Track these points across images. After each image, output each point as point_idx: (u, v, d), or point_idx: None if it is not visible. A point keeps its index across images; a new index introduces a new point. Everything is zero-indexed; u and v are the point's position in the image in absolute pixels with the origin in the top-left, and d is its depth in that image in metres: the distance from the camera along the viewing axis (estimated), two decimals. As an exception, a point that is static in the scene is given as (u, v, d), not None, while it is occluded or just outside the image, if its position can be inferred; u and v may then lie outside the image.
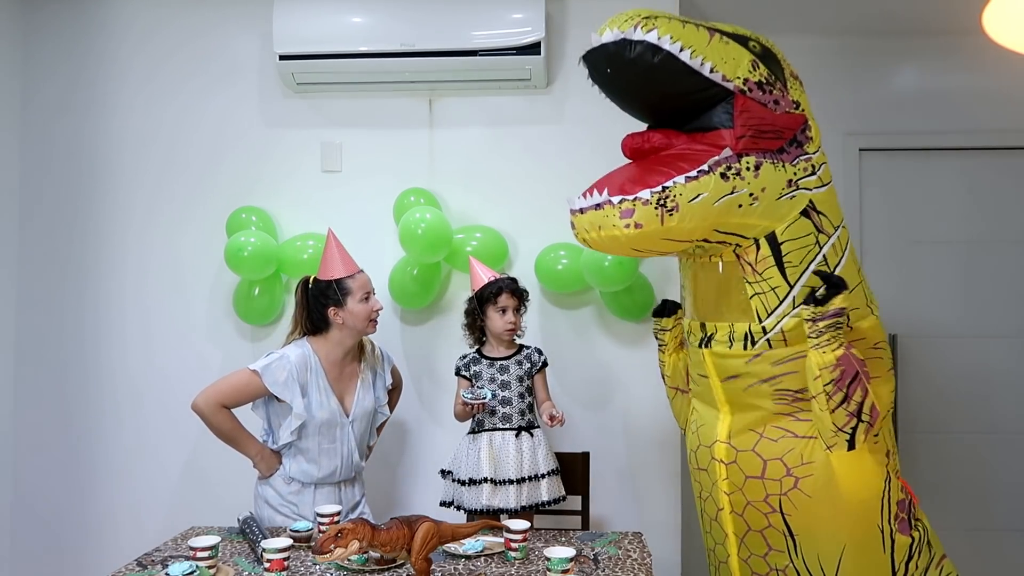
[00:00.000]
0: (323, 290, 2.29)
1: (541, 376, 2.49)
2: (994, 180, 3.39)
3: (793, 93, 1.89)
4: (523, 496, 2.31)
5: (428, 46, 2.70)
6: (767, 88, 1.82)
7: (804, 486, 1.85)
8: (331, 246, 2.34)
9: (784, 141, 1.85)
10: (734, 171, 1.77)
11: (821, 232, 1.86)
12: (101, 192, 3.00)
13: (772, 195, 1.81)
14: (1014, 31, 1.54)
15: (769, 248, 1.84)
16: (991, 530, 3.33)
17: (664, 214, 1.72)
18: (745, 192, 1.78)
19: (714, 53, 1.76)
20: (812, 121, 1.93)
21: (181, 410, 2.93)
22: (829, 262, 1.87)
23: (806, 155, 1.88)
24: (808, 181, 1.86)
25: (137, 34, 3.01)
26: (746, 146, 1.79)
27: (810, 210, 1.85)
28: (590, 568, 1.88)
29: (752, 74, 1.81)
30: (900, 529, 1.87)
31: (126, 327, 2.98)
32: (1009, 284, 3.38)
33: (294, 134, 2.97)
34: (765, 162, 1.81)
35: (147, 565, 1.91)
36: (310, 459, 2.27)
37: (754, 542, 1.95)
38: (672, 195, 1.73)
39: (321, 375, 2.28)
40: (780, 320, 1.85)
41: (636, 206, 1.72)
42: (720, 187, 1.76)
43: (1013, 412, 3.37)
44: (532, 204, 2.88)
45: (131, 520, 2.94)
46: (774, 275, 1.84)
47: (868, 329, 1.92)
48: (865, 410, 1.79)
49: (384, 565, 1.88)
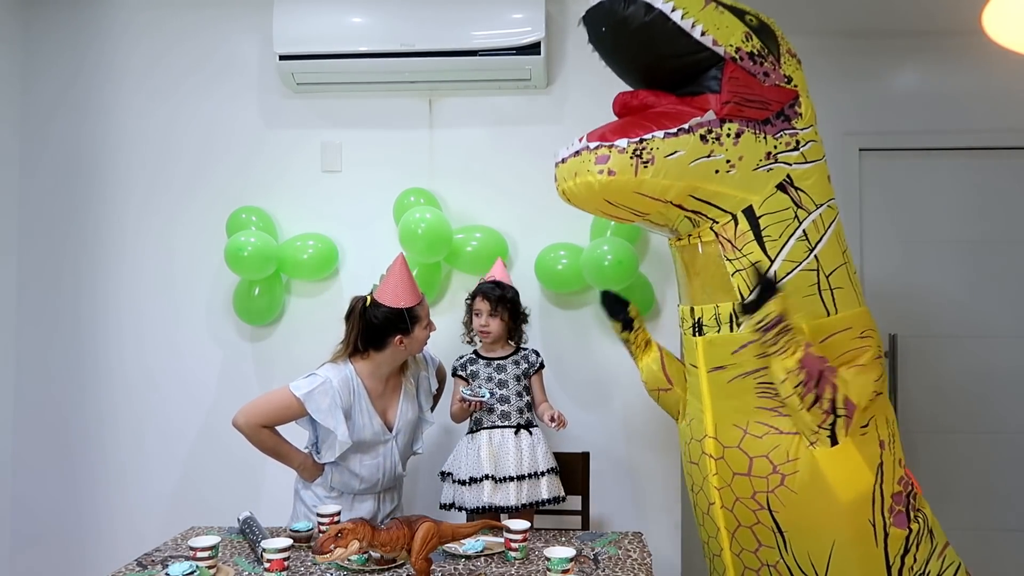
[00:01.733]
0: (392, 317, 2.21)
1: (538, 378, 2.49)
2: (994, 180, 3.40)
3: (786, 68, 1.90)
4: (523, 494, 2.31)
5: (428, 46, 2.70)
6: (758, 60, 1.85)
7: (790, 483, 1.85)
8: (401, 271, 2.26)
9: (770, 113, 1.86)
10: (714, 135, 1.79)
11: (800, 207, 1.86)
12: (100, 192, 3.00)
13: (749, 164, 1.83)
14: (1014, 31, 1.54)
15: (748, 222, 1.84)
16: (992, 530, 3.33)
17: (639, 164, 1.75)
18: (722, 158, 1.80)
19: (707, 18, 1.80)
20: (805, 98, 1.94)
21: (181, 410, 2.96)
22: (810, 237, 1.87)
23: (791, 130, 1.88)
24: (788, 156, 1.87)
25: (137, 34, 3.01)
26: (730, 112, 1.82)
27: (787, 184, 1.86)
28: (590, 568, 1.88)
29: (745, 44, 1.84)
30: (896, 522, 1.86)
31: (126, 327, 2.98)
32: (1010, 284, 3.38)
33: (294, 134, 2.97)
34: (747, 131, 1.82)
35: (147, 565, 1.91)
36: (352, 473, 2.26)
37: (745, 537, 1.96)
38: (649, 147, 1.76)
39: (364, 397, 2.24)
40: None
41: (612, 153, 1.76)
42: (698, 148, 1.78)
43: (1014, 411, 3.37)
44: (532, 204, 2.88)
45: (131, 520, 2.94)
46: (754, 250, 1.85)
47: (853, 317, 1.91)
48: (839, 405, 1.79)
49: (384, 565, 1.88)
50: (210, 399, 2.95)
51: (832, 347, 1.87)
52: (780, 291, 1.77)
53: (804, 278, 1.86)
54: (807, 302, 1.86)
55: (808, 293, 1.86)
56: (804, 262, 1.85)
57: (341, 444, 2.19)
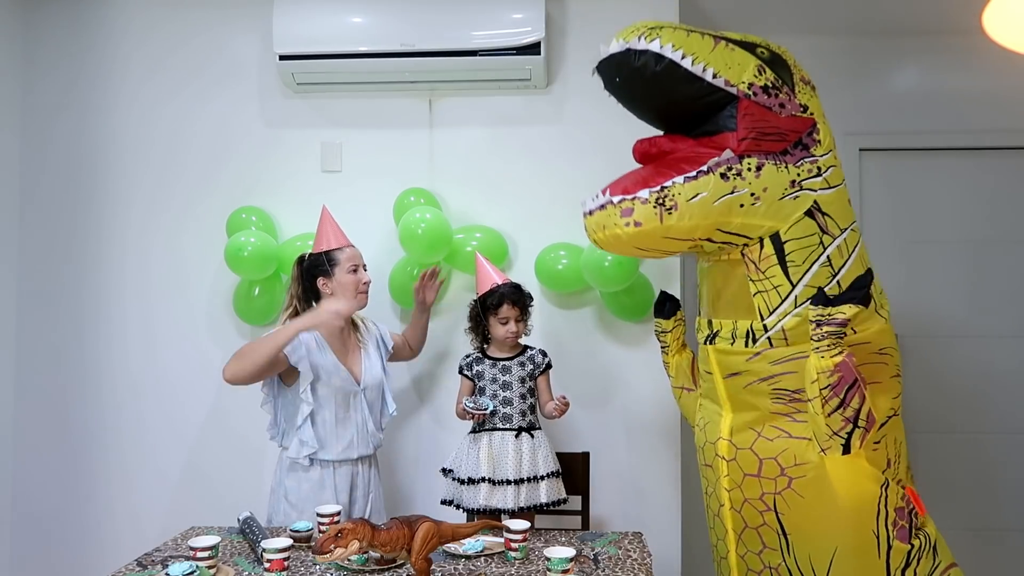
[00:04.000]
0: (314, 262, 2.39)
1: (545, 378, 2.49)
2: (994, 180, 3.39)
3: (801, 97, 1.91)
4: (521, 497, 2.31)
5: (428, 46, 2.70)
6: (772, 92, 1.85)
7: (797, 486, 1.86)
8: (323, 221, 2.44)
9: (788, 143, 1.87)
10: (735, 171, 1.80)
11: (825, 233, 1.88)
12: (101, 192, 3.00)
13: (775, 195, 1.84)
14: (1014, 31, 1.54)
15: (772, 247, 1.86)
16: (994, 530, 3.33)
17: (663, 212, 1.78)
18: (746, 192, 1.81)
19: (717, 59, 1.81)
20: (823, 124, 1.95)
21: (181, 410, 2.96)
22: (833, 263, 1.88)
23: (811, 157, 1.89)
24: (813, 182, 1.88)
25: (137, 34, 3.01)
26: (748, 148, 1.82)
27: (814, 211, 1.87)
28: (590, 568, 1.88)
29: (758, 78, 1.84)
30: (899, 536, 1.87)
31: (126, 327, 2.98)
32: (1011, 284, 3.38)
33: (294, 134, 2.97)
34: (768, 163, 1.83)
35: (147, 565, 1.91)
36: (328, 430, 2.32)
37: (750, 539, 1.97)
38: (671, 194, 1.78)
39: (326, 347, 2.34)
40: (781, 319, 1.87)
41: (635, 205, 1.79)
42: (720, 187, 1.79)
43: (1015, 411, 3.37)
44: (532, 204, 2.88)
45: (131, 520, 2.94)
46: (776, 274, 1.86)
47: (875, 334, 1.91)
48: (862, 416, 1.80)
49: (384, 565, 1.88)
50: (210, 399, 2.95)
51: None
52: (864, 306, 1.81)
53: None
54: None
55: None
56: (826, 288, 1.86)
57: (304, 376, 2.28)
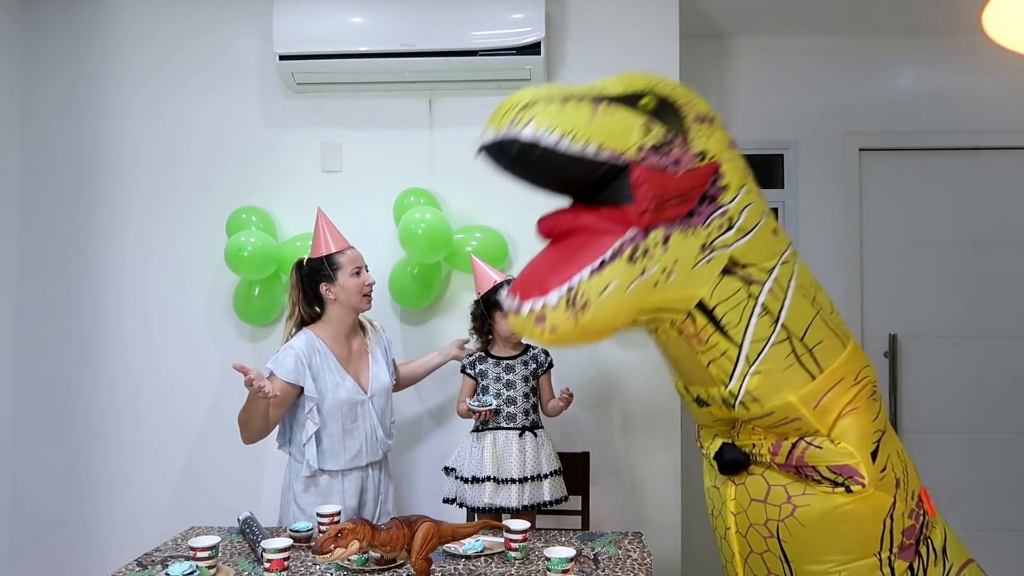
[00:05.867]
0: (315, 268, 2.34)
1: (547, 377, 2.50)
2: (994, 180, 3.40)
3: (697, 143, 1.75)
4: (525, 496, 2.32)
5: (428, 46, 2.70)
6: (664, 150, 1.70)
7: (800, 515, 1.81)
8: (320, 223, 2.39)
9: (692, 202, 1.74)
10: (641, 251, 1.68)
11: (752, 283, 1.78)
12: (101, 192, 3.00)
13: (687, 265, 1.72)
14: (1014, 31, 1.54)
15: (704, 316, 1.77)
16: (991, 530, 3.33)
17: (576, 313, 1.65)
18: (657, 269, 1.70)
19: (598, 131, 1.65)
20: (728, 162, 1.80)
21: (181, 410, 2.95)
22: (771, 309, 1.78)
23: (721, 208, 1.77)
24: (725, 239, 1.76)
25: (137, 34, 3.01)
26: (651, 220, 1.69)
27: (732, 267, 1.77)
28: (590, 568, 1.88)
29: (646, 138, 1.69)
30: (902, 555, 1.83)
31: (126, 327, 2.98)
32: (1009, 284, 3.38)
33: (294, 134, 2.97)
34: (674, 232, 1.71)
35: (147, 565, 1.91)
36: (335, 442, 2.29)
37: (756, 564, 1.94)
38: (580, 292, 1.65)
39: (330, 356, 2.31)
40: (742, 381, 1.79)
41: (547, 312, 1.66)
42: (628, 272, 1.67)
43: (1012, 412, 3.37)
44: (532, 204, 2.85)
45: (131, 520, 2.94)
46: (719, 340, 1.78)
47: (841, 367, 1.83)
48: (831, 476, 1.78)
49: (384, 565, 1.88)
50: (210, 399, 2.95)
51: (829, 408, 1.81)
52: (729, 471, 1.92)
53: (778, 351, 1.79)
54: (789, 374, 1.78)
55: (787, 365, 1.79)
56: (772, 336, 1.78)
57: (309, 399, 2.24)
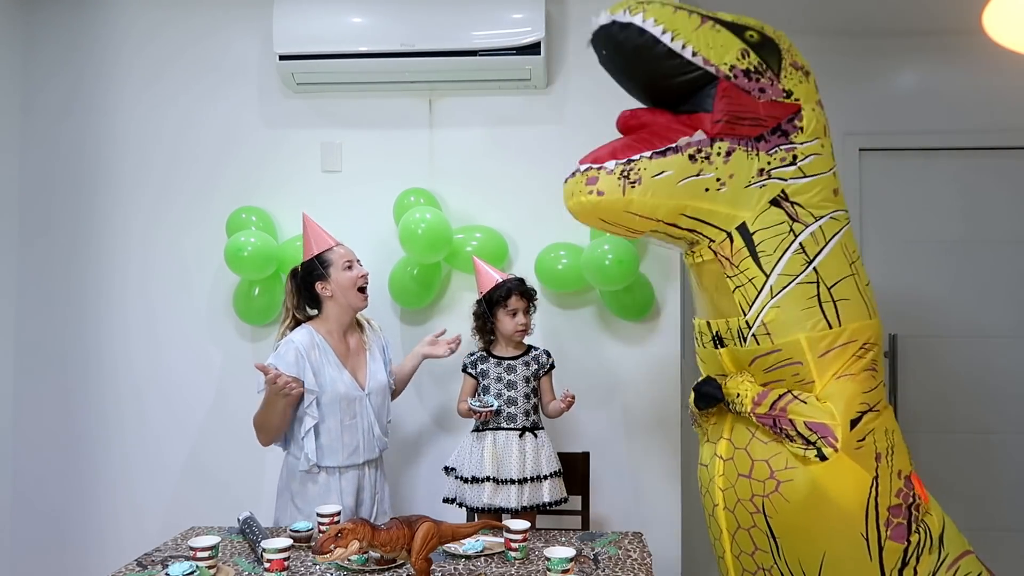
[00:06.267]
0: (308, 269, 2.38)
1: (548, 378, 2.50)
2: (994, 180, 3.39)
3: (787, 82, 1.90)
4: (525, 496, 2.32)
5: (428, 46, 2.70)
6: (754, 76, 1.86)
7: (784, 490, 1.84)
8: (307, 227, 2.43)
9: (765, 129, 1.87)
10: (703, 154, 1.82)
11: (796, 221, 1.87)
12: (102, 194, 3.00)
13: (740, 182, 1.84)
14: (1014, 31, 1.54)
15: (742, 239, 1.86)
16: (991, 530, 3.33)
17: (626, 185, 1.80)
18: (712, 176, 1.83)
19: (700, 38, 1.82)
20: (811, 111, 1.92)
21: (181, 410, 2.96)
22: (807, 250, 1.86)
23: (788, 144, 1.89)
24: (783, 171, 1.87)
25: (136, 34, 3.01)
26: (721, 131, 1.83)
27: (781, 199, 1.86)
28: (590, 568, 1.88)
29: (740, 62, 1.85)
30: (893, 536, 1.84)
31: (126, 327, 2.98)
32: (1009, 284, 3.38)
33: (294, 134, 2.97)
34: (738, 149, 1.84)
35: (147, 565, 1.91)
36: (333, 438, 2.30)
37: (743, 540, 1.96)
38: (636, 168, 1.80)
39: (329, 352, 2.34)
40: (760, 312, 1.86)
41: (600, 175, 1.81)
42: (686, 167, 1.81)
43: (1013, 412, 3.37)
44: (532, 204, 2.88)
45: (131, 520, 2.94)
46: (750, 266, 1.87)
47: (858, 330, 1.88)
48: (805, 433, 1.80)
49: (384, 565, 1.88)
50: (210, 399, 2.95)
51: (831, 362, 1.85)
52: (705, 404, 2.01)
53: (802, 291, 1.86)
54: (806, 314, 1.85)
55: (807, 306, 1.85)
56: (802, 275, 1.85)
57: (309, 392, 2.25)
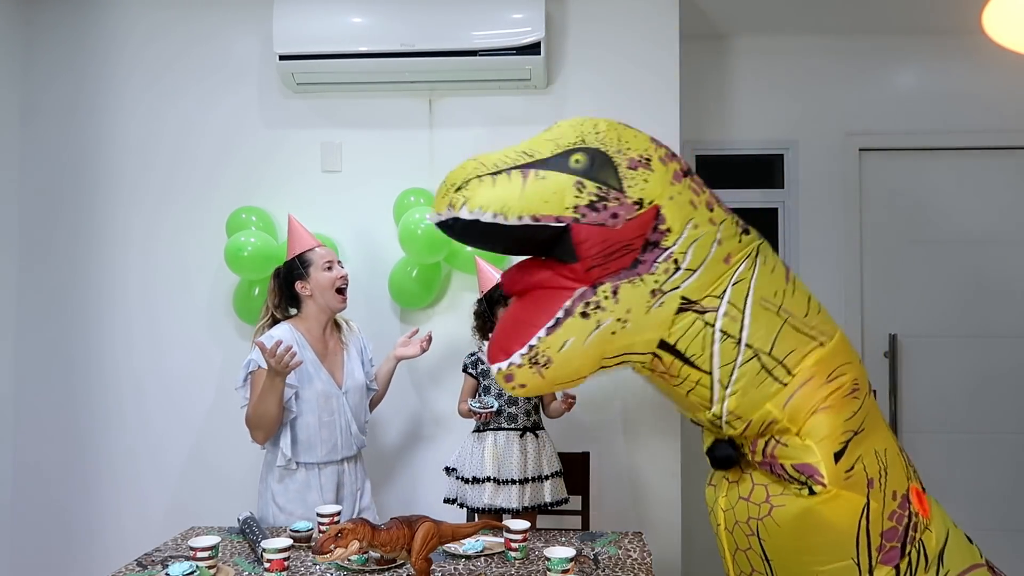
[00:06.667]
0: (289, 268, 2.42)
1: None
2: (994, 180, 3.40)
3: (632, 191, 1.73)
4: (526, 497, 2.32)
5: (428, 46, 2.70)
6: (599, 205, 1.71)
7: (776, 515, 1.81)
8: (291, 229, 2.47)
9: (637, 251, 1.75)
10: (592, 306, 1.71)
11: (706, 312, 1.78)
12: (102, 195, 3.00)
13: (640, 312, 1.74)
14: (1014, 31, 1.54)
15: (670, 354, 1.79)
16: (991, 530, 3.33)
17: (540, 370, 1.72)
18: (611, 320, 1.72)
19: (531, 201, 1.68)
20: (669, 201, 1.76)
21: (181, 410, 2.95)
22: (731, 333, 1.78)
23: (665, 252, 1.76)
24: (673, 281, 1.76)
25: (136, 35, 3.01)
26: (599, 275, 1.72)
27: (684, 306, 1.77)
28: (590, 568, 1.88)
29: (580, 197, 1.70)
30: (884, 560, 1.80)
31: (127, 326, 2.98)
32: (1009, 284, 3.38)
33: (294, 134, 2.97)
34: (622, 284, 1.73)
35: (147, 565, 1.91)
36: (311, 434, 2.32)
37: (742, 560, 1.96)
38: (539, 351, 1.71)
39: (308, 349, 2.36)
40: (722, 404, 1.81)
41: (514, 371, 1.72)
42: (583, 327, 1.71)
43: (1014, 411, 3.37)
44: (532, 204, 2.87)
45: (131, 520, 2.94)
46: (690, 372, 1.80)
47: (813, 364, 1.81)
48: (795, 475, 1.77)
49: (384, 565, 1.88)
50: (210, 399, 2.95)
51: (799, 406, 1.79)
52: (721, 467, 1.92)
53: (748, 369, 1.79)
54: (763, 388, 1.78)
55: (760, 381, 1.79)
56: (739, 357, 1.78)
57: (289, 386, 2.26)
